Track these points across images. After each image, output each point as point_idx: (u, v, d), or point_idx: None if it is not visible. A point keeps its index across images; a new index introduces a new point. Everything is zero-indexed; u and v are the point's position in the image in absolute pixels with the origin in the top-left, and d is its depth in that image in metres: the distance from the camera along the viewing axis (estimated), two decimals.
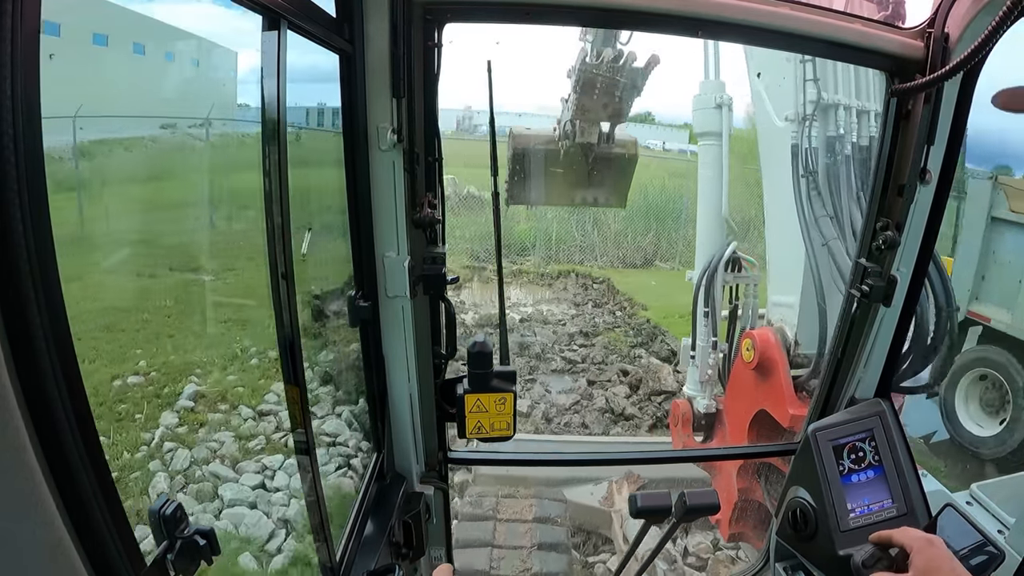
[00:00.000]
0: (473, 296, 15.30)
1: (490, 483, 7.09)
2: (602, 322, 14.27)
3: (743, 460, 5.13)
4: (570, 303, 15.81)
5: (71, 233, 6.74)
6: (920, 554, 1.55)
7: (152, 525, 0.95)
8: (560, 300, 16.13)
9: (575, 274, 17.61)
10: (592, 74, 7.28)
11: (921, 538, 1.60)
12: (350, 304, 1.88)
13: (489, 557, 5.86)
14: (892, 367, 2.35)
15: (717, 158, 5.91)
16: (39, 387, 0.67)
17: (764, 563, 2.58)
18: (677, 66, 6.69)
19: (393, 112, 1.74)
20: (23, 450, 0.65)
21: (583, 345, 12.88)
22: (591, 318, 14.59)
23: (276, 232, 1.31)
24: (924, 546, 1.57)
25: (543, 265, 18.05)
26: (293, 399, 1.45)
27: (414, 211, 1.88)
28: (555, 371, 11.73)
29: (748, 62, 4.98)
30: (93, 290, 5.95)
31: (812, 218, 4.32)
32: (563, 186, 8.70)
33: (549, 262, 18.25)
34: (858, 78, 4.46)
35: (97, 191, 6.34)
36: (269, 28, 1.26)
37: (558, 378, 11.42)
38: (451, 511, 2.53)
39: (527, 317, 13.98)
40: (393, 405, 2.11)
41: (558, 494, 6.82)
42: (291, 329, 1.38)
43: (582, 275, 17.51)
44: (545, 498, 6.69)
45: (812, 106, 4.32)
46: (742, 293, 5.75)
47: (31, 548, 0.68)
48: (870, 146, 4.35)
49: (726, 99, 5.90)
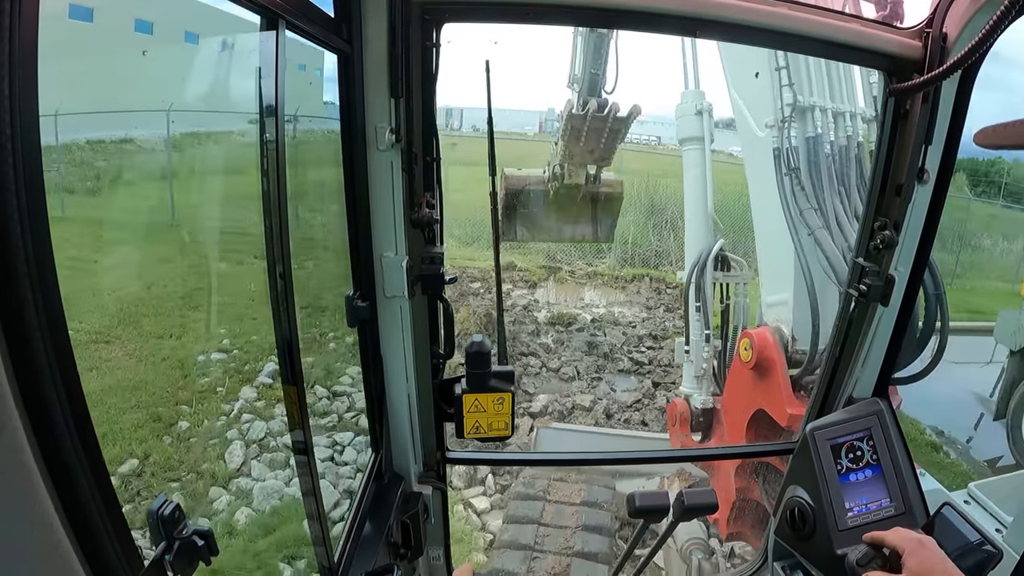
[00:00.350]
0: (547, 295, 15.51)
1: (544, 467, 7.46)
2: (672, 327, 14.32)
3: (741, 459, 5.14)
4: (642, 306, 15.87)
5: (158, 220, 7.14)
6: (912, 556, 1.56)
7: (150, 526, 0.95)
8: (633, 303, 16.18)
9: (649, 278, 17.60)
10: (578, 123, 8.11)
11: (913, 539, 1.61)
12: (348, 304, 1.87)
13: (535, 533, 6.22)
14: (890, 367, 2.35)
15: (701, 161, 6.23)
16: (37, 388, 0.67)
17: (762, 562, 2.58)
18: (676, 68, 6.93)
19: (391, 112, 1.74)
20: (21, 451, 0.65)
21: (651, 348, 13.02)
22: (661, 322, 14.64)
23: (274, 232, 1.31)
24: (916, 548, 1.58)
25: (618, 268, 18.02)
26: (291, 399, 1.45)
27: (412, 211, 1.88)
28: (621, 371, 11.93)
29: (726, 74, 5.19)
30: (182, 273, 6.29)
31: (797, 212, 4.46)
32: (554, 223, 9.57)
33: (624, 265, 18.21)
34: (831, 82, 4.66)
35: (185, 181, 6.59)
36: (267, 28, 1.26)
37: (624, 378, 11.67)
38: (506, 492, 2.52)
39: (598, 318, 14.06)
40: (391, 405, 2.11)
41: (608, 482, 7.09)
42: (289, 329, 1.38)
43: (656, 279, 17.51)
44: (595, 484, 6.98)
45: (789, 108, 4.51)
46: (732, 292, 5.90)
47: (29, 549, 0.68)
48: (848, 144, 4.53)
49: (706, 105, 6.26)
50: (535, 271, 16.06)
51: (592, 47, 7.92)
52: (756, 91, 4.82)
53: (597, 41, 8.02)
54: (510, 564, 5.86)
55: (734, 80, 5.11)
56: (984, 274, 19.06)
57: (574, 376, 11.08)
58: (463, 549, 6.49)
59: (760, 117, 4.79)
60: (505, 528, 6.49)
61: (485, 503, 7.38)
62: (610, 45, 8.02)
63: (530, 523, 6.40)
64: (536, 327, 12.87)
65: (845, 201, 4.47)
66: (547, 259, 17.33)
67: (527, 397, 10.07)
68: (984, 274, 19.06)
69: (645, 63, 7.52)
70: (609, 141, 8.63)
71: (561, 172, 9.14)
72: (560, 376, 11.07)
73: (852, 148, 4.57)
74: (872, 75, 4.51)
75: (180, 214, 7.08)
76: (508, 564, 5.86)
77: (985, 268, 19.54)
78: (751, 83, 4.87)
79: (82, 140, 7.53)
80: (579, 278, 17.22)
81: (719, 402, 5.77)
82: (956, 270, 18.74)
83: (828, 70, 4.67)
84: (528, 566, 5.86)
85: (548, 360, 11.49)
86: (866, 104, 4.68)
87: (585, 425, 9.30)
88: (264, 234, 1.32)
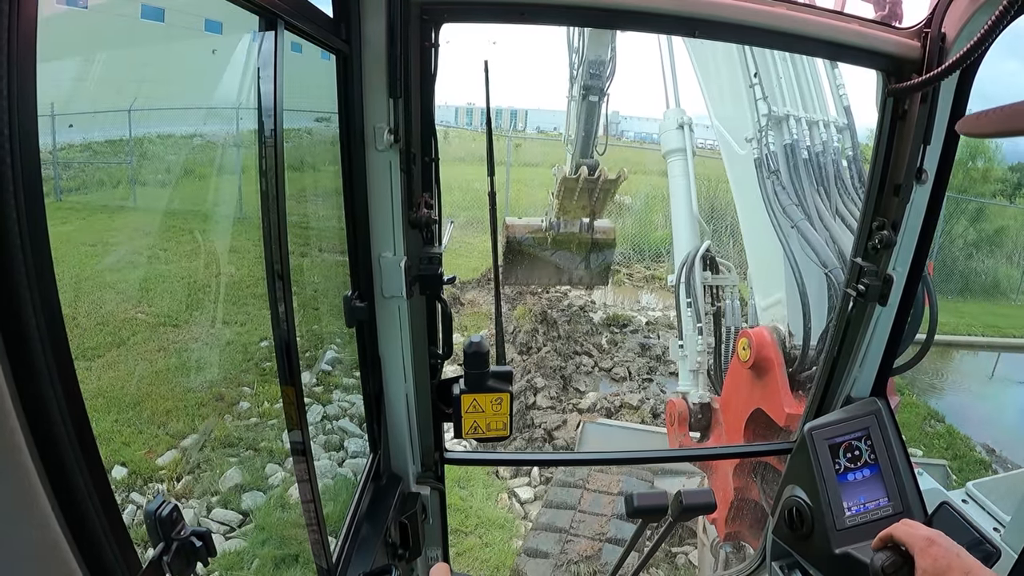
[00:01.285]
0: (605, 296, 15.52)
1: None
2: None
3: (739, 459, 5.14)
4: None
5: (234, 212, 7.46)
6: (924, 555, 1.48)
7: (148, 526, 0.95)
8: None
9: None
10: (572, 185, 9.56)
11: (922, 538, 1.52)
12: (346, 304, 1.87)
13: (571, 518, 6.58)
14: (888, 366, 2.36)
15: (685, 171, 6.82)
16: (35, 388, 0.66)
17: (760, 562, 2.59)
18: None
19: (390, 112, 1.74)
20: (19, 451, 0.65)
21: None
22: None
23: (272, 232, 1.30)
24: (926, 546, 1.49)
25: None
26: (289, 400, 1.45)
27: (411, 211, 1.88)
28: (672, 374, 11.93)
29: (705, 99, 5.61)
30: (249, 263, 6.52)
31: (780, 209, 4.66)
32: (551, 268, 10.79)
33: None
34: (803, 95, 4.96)
35: (252, 176, 6.86)
36: (266, 28, 1.26)
37: (674, 381, 11.68)
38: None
39: (653, 321, 14.04)
40: (389, 405, 2.11)
41: (647, 476, 7.38)
42: (287, 329, 1.37)
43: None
44: (634, 476, 7.29)
45: (765, 119, 4.79)
46: (723, 295, 6.18)
47: (27, 550, 0.68)
48: (824, 150, 4.81)
49: (687, 119, 6.93)
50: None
51: (585, 112, 9.02)
52: (733, 109, 5.14)
53: (589, 108, 9.01)
54: (544, 545, 6.18)
55: (712, 103, 5.50)
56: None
57: (625, 376, 11.10)
58: (504, 535, 6.70)
59: (740, 133, 5.07)
60: (543, 511, 6.82)
61: (529, 493, 7.56)
62: (602, 108, 9.09)
63: (567, 508, 6.74)
64: (591, 327, 12.91)
65: (825, 200, 4.70)
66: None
67: (578, 394, 10.21)
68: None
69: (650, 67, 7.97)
70: (601, 199, 9.98)
71: (557, 222, 10.29)
72: (612, 376, 11.10)
73: (829, 153, 4.81)
74: (843, 87, 4.78)
75: (248, 208, 7.33)
76: (542, 545, 6.19)
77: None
78: (729, 103, 5.23)
79: (153, 134, 7.88)
80: (637, 281, 17.27)
81: (717, 401, 5.79)
82: (1022, 285, 18.65)
83: (799, 83, 4.97)
84: (562, 548, 6.16)
85: (601, 360, 11.50)
86: (837, 113, 4.95)
87: (630, 423, 9.53)
88: (262, 235, 1.32)
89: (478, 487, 7.50)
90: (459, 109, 58.23)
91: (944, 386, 11.98)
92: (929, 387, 11.72)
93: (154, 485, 5.08)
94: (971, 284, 18.16)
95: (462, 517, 6.90)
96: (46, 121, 6.57)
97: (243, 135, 7.05)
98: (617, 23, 2.06)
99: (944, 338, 12.92)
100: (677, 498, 1.87)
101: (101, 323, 5.75)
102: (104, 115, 7.54)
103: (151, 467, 5.17)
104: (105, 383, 5.33)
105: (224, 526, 5.03)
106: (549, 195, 10.45)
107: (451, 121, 53.15)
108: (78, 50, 5.55)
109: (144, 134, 7.79)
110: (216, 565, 4.72)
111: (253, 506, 5.18)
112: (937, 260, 16.83)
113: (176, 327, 6.04)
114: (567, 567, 5.91)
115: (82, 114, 7.02)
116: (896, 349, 2.34)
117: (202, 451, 5.42)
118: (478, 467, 7.56)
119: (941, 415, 10.10)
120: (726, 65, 5.15)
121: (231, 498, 5.17)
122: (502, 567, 6.15)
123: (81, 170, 7.87)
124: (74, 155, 7.61)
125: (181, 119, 7.59)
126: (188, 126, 7.58)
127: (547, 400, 9.72)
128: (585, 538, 6.25)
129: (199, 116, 7.42)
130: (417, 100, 1.81)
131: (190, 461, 5.31)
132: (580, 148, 9.36)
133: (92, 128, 7.52)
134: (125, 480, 4.97)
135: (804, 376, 4.66)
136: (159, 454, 5.24)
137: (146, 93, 6.83)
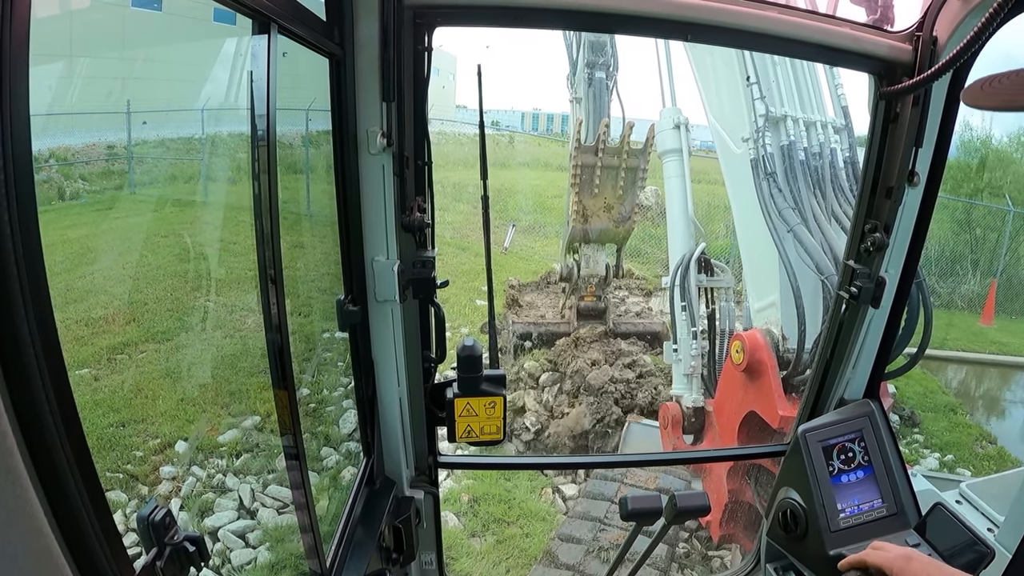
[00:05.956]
0: (662, 304, 15.31)
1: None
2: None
3: (733, 462, 5.16)
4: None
5: (293, 210, 7.50)
6: (905, 574, 1.45)
7: (140, 532, 0.94)
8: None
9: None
10: (589, 160, 8.64)
11: (899, 557, 1.50)
12: (339, 308, 1.86)
13: (606, 510, 6.78)
14: (881, 368, 2.37)
15: (680, 171, 6.76)
16: (27, 391, 0.66)
17: (754, 564, 2.59)
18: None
19: (383, 116, 1.73)
20: (10, 455, 0.64)
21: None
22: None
23: (265, 235, 1.30)
24: (905, 565, 1.46)
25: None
26: (282, 404, 1.44)
27: (404, 215, 1.87)
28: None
29: (703, 100, 5.59)
30: (315, 259, 6.60)
31: (776, 212, 4.67)
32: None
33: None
34: (802, 95, 4.95)
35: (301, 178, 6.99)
36: (259, 32, 1.25)
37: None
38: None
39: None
40: (383, 409, 2.10)
41: (684, 475, 7.40)
42: (280, 332, 1.37)
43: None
44: (671, 474, 7.38)
45: (763, 119, 4.78)
46: (718, 298, 6.20)
47: (19, 555, 0.67)
48: (821, 151, 4.79)
49: (683, 119, 6.84)
50: (652, 280, 15.75)
51: (594, 94, 8.78)
52: (730, 108, 5.15)
53: (598, 87, 8.77)
54: (578, 532, 6.41)
55: (709, 101, 5.48)
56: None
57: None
58: (545, 527, 6.83)
59: (737, 133, 5.07)
60: (580, 500, 7.06)
61: (573, 490, 7.67)
62: (611, 89, 8.87)
63: (604, 500, 6.96)
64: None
65: (821, 202, 4.70)
66: (663, 269, 17.09)
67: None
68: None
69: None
70: (628, 186, 8.94)
71: (578, 260, 9.55)
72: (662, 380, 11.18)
73: (825, 154, 4.81)
74: (841, 87, 4.77)
75: (315, 205, 7.54)
76: (576, 532, 6.41)
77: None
78: (726, 101, 5.22)
79: (224, 133, 7.99)
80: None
81: (710, 404, 5.81)
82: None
83: (798, 83, 4.98)
84: (594, 535, 6.35)
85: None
86: (835, 114, 4.95)
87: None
88: (255, 238, 1.31)
89: (523, 479, 7.60)
90: (525, 114, 57.82)
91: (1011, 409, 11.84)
92: (990, 406, 11.68)
93: (214, 460, 5.31)
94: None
95: (505, 507, 7.03)
96: (120, 118, 6.90)
97: (312, 136, 7.37)
98: (610, 27, 2.06)
99: (1011, 359, 12.84)
100: (671, 501, 1.86)
101: (172, 309, 5.99)
102: (178, 113, 7.83)
103: (212, 443, 5.38)
104: (173, 364, 5.55)
105: (278, 502, 5.25)
106: (564, 206, 9.73)
107: (517, 127, 52.54)
108: (158, 51, 6.01)
109: (215, 133, 8.00)
110: (268, 538, 4.94)
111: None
112: (1002, 279, 16.41)
113: (249, 312, 6.20)
114: (597, 553, 6.11)
115: (156, 112, 7.42)
116: (889, 351, 2.35)
117: (261, 432, 5.59)
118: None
119: (994, 436, 10.00)
120: (723, 63, 5.15)
121: (285, 478, 5.31)
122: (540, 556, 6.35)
123: (154, 165, 8.12)
124: (147, 151, 7.86)
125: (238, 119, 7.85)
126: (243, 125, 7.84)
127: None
128: (617, 528, 6.46)
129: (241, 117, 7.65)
130: (410, 104, 1.81)
131: (249, 441, 5.49)
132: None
133: (165, 125, 7.80)
134: (187, 454, 5.18)
135: (798, 380, 4.67)
136: (220, 431, 5.45)
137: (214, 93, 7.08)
